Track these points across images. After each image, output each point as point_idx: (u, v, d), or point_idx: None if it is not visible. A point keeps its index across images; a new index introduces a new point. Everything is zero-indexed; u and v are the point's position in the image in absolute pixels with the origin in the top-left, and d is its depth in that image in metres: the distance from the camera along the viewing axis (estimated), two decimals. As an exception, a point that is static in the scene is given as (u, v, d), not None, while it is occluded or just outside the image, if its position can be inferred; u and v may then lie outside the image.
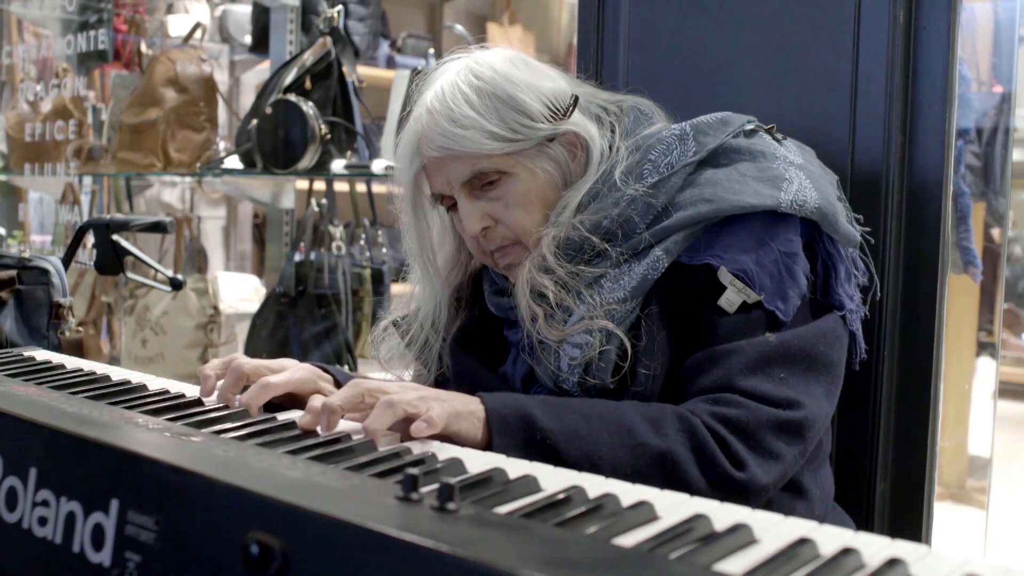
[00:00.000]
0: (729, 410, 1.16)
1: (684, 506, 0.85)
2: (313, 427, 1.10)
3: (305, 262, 3.33)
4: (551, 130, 1.33)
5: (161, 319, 3.47)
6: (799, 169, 1.30)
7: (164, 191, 4.84)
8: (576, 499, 0.85)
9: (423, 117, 1.34)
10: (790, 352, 1.22)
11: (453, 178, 1.34)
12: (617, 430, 1.13)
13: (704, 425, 1.15)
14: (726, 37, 1.66)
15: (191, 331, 3.45)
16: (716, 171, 1.30)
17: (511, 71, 1.33)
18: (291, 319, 3.19)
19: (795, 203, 1.27)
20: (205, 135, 3.40)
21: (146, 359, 3.46)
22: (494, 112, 1.31)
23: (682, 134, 1.33)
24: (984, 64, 3.55)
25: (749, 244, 1.25)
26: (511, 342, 1.41)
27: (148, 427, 0.98)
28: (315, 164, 3.02)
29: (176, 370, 3.42)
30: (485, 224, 1.35)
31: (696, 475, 1.12)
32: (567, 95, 1.36)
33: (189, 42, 3.56)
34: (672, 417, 1.15)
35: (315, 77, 3.12)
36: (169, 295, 3.42)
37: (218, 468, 0.81)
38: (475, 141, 1.30)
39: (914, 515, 1.55)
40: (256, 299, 4.71)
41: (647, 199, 1.29)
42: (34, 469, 0.93)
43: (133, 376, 1.33)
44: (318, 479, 0.80)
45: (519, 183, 1.33)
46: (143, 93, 3.40)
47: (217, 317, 3.49)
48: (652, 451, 1.12)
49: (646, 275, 1.27)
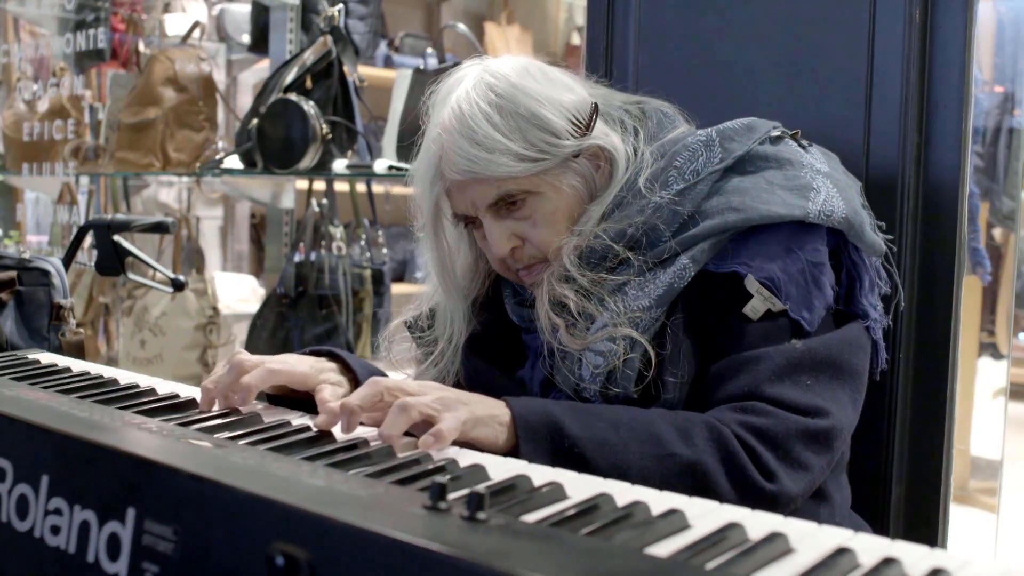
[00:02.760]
0: (758, 419, 1.14)
1: (715, 514, 0.84)
2: (330, 427, 1.08)
3: (305, 263, 3.31)
4: (576, 146, 1.30)
5: (160, 320, 3.44)
6: (826, 178, 1.29)
7: (161, 191, 4.81)
8: (604, 507, 0.83)
9: (443, 138, 1.29)
10: (816, 359, 1.20)
11: (478, 200, 1.31)
12: (646, 439, 1.11)
13: (733, 435, 1.13)
14: (738, 37, 1.64)
15: (190, 332, 3.43)
16: (743, 179, 1.28)
17: (530, 84, 1.29)
18: (292, 320, 3.17)
19: (823, 213, 1.25)
20: (204, 135, 3.38)
21: (144, 360, 3.44)
22: (518, 132, 1.27)
23: (708, 140, 1.30)
24: (986, 64, 3.54)
25: (776, 252, 1.24)
26: (530, 347, 1.39)
27: (162, 433, 0.96)
28: (316, 164, 3.00)
29: (175, 371, 3.40)
30: (513, 244, 1.32)
31: (725, 486, 1.10)
32: (587, 105, 1.33)
33: (188, 41, 3.54)
34: (701, 426, 1.13)
35: (316, 76, 3.09)
36: (168, 296, 3.40)
37: (238, 476, 0.79)
38: (501, 164, 1.26)
39: (930, 520, 1.53)
40: (254, 299, 4.69)
41: (673, 207, 1.27)
42: (46, 476, 0.91)
43: (141, 379, 1.31)
44: (341, 487, 0.78)
45: (546, 202, 1.30)
46: (142, 92, 3.37)
47: (216, 318, 3.47)
48: (681, 461, 1.10)
49: (672, 283, 1.24)
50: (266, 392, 1.28)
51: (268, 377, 1.21)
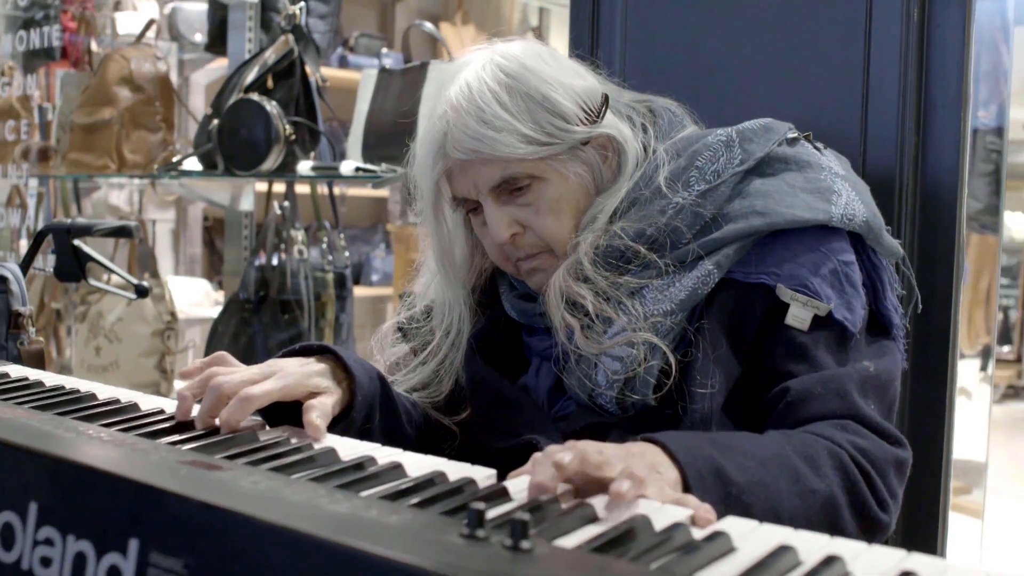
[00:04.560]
0: (862, 441, 1.11)
1: (754, 535, 0.79)
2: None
3: (267, 266, 3.23)
4: (586, 133, 1.26)
5: (116, 326, 3.34)
6: (844, 180, 1.26)
7: (112, 194, 4.69)
8: (643, 529, 0.79)
9: (448, 115, 1.24)
10: (880, 384, 1.18)
11: (480, 182, 1.26)
12: (788, 476, 1.03)
13: (849, 457, 1.08)
14: (731, 35, 1.61)
15: (147, 338, 3.33)
16: (764, 181, 1.25)
17: (541, 67, 1.25)
18: (256, 326, 3.09)
19: (845, 216, 1.22)
20: (161, 135, 3.29)
21: (100, 368, 3.33)
22: (527, 113, 1.22)
23: (728, 140, 1.26)
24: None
25: (804, 256, 1.20)
26: (533, 350, 1.34)
27: (160, 454, 0.89)
28: (279, 165, 2.92)
29: (132, 379, 3.30)
30: (514, 231, 1.27)
31: (850, 520, 1.06)
32: (598, 93, 1.29)
33: (142, 40, 3.44)
34: (824, 453, 1.07)
35: (277, 76, 3.02)
36: (124, 301, 3.30)
37: (253, 503, 0.73)
38: (507, 144, 1.21)
39: (928, 527, 1.51)
40: (207, 303, 4.59)
41: (695, 208, 1.22)
42: (34, 504, 0.84)
43: (121, 394, 1.24)
44: (367, 514, 0.72)
45: (551, 189, 1.26)
46: (96, 92, 3.27)
47: (174, 323, 3.37)
48: (820, 498, 1.05)
49: (696, 289, 1.20)
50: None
51: (247, 409, 1.10)
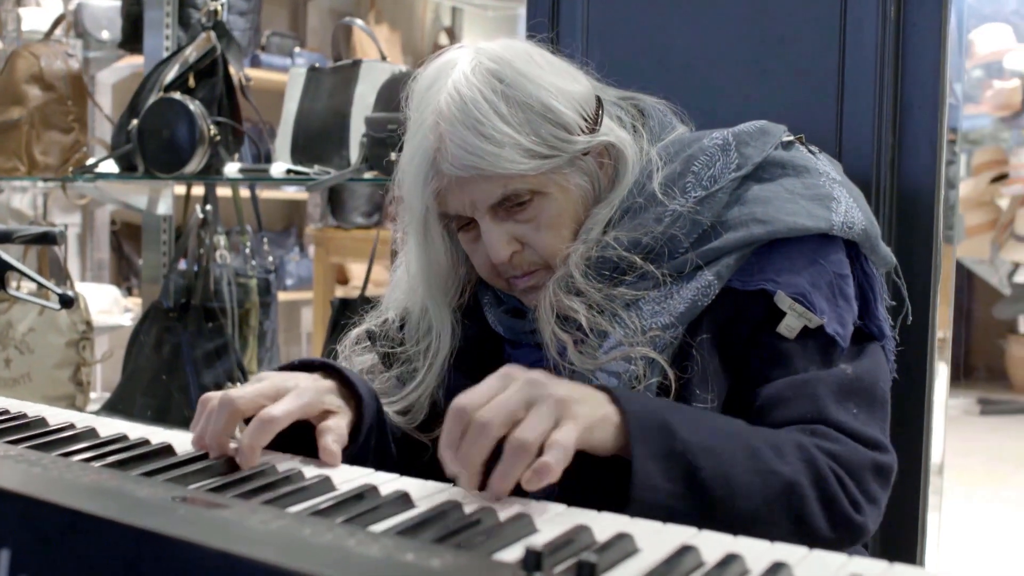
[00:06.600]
0: (832, 445, 1.05)
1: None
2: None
3: (188, 273, 3.10)
4: (587, 143, 1.18)
5: (27, 336, 3.17)
6: (841, 186, 1.21)
7: (14, 197, 4.49)
8: (688, 560, 0.73)
9: (441, 127, 1.14)
10: (863, 387, 1.13)
11: (479, 200, 1.17)
12: (745, 451, 1.00)
13: (822, 458, 1.03)
14: (700, 31, 1.56)
15: (61, 349, 3.17)
16: (762, 187, 1.19)
17: (535, 71, 1.16)
18: (183, 335, 2.95)
19: (845, 224, 1.17)
20: (74, 136, 3.13)
21: (10, 381, 3.16)
22: (528, 125, 1.13)
23: (724, 144, 1.20)
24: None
25: (803, 266, 1.15)
26: (518, 363, 1.26)
27: (145, 490, 0.80)
28: (203, 167, 2.80)
29: (45, 392, 3.13)
30: (513, 249, 1.18)
31: (818, 513, 1.01)
32: (592, 97, 1.22)
33: (51, 36, 3.28)
34: (790, 444, 1.03)
35: (199, 74, 2.90)
36: (35, 310, 3.14)
37: (274, 550, 0.65)
38: (510, 159, 1.12)
39: (908, 534, 1.48)
40: (116, 311, 4.42)
41: (693, 216, 1.16)
42: (6, 551, 0.75)
43: (73, 417, 1.13)
44: (405, 558, 0.65)
45: (552, 203, 1.18)
46: (4, 91, 3.10)
47: (90, 333, 3.21)
48: (781, 480, 1.00)
49: (696, 300, 1.14)
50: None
51: (269, 432, 1.02)
